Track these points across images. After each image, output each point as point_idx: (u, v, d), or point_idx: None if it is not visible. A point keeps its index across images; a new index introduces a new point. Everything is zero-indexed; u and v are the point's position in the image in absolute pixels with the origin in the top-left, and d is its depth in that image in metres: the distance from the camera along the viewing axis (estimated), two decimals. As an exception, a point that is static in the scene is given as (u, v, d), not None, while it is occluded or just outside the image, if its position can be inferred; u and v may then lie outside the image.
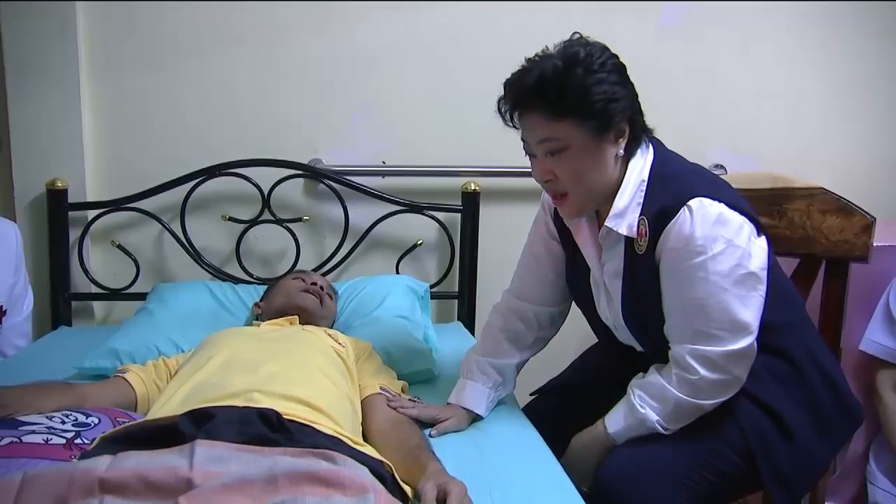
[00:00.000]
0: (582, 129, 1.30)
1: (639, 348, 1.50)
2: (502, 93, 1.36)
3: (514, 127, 1.37)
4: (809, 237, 1.78)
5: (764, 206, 1.79)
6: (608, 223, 1.38)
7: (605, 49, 1.34)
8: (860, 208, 1.73)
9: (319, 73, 2.28)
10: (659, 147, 1.43)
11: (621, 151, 1.35)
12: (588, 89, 1.29)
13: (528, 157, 1.40)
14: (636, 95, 1.37)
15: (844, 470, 2.23)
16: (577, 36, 1.36)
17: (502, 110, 1.37)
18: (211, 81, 2.26)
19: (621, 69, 1.34)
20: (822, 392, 1.45)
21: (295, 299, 1.81)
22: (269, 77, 2.27)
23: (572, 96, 1.29)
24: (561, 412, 1.61)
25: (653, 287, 1.37)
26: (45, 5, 2.12)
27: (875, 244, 1.72)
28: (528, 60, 1.35)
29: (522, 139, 1.38)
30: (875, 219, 1.72)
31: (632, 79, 1.37)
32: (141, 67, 2.23)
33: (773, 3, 2.40)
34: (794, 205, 1.80)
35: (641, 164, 1.38)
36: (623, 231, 1.37)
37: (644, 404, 1.38)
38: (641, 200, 1.36)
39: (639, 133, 1.38)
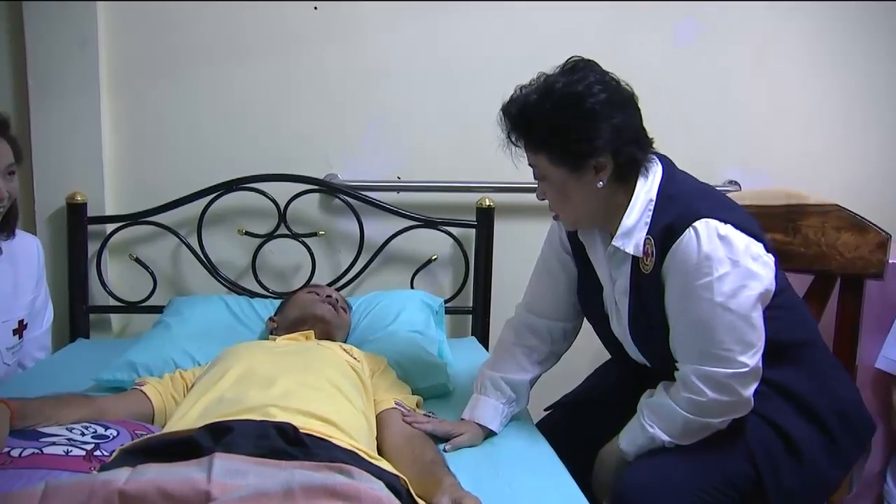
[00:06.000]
0: (553, 164, 1.34)
1: (649, 365, 1.51)
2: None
3: (518, 146, 1.41)
4: (824, 254, 1.78)
5: (778, 223, 1.80)
6: (615, 242, 1.39)
7: (596, 79, 1.31)
8: (875, 225, 1.73)
9: (334, 86, 2.31)
10: (668, 165, 1.43)
11: (600, 184, 1.35)
12: (555, 130, 1.31)
13: None
14: (629, 124, 1.35)
15: (861, 489, 2.21)
16: (575, 58, 1.36)
17: (505, 132, 1.40)
18: (228, 97, 2.29)
19: (608, 101, 1.31)
20: (831, 412, 1.44)
21: (311, 309, 1.82)
22: (284, 91, 2.30)
23: (539, 136, 1.33)
24: (574, 427, 1.61)
25: (658, 306, 1.37)
26: (68, 21, 2.17)
27: (891, 261, 1.72)
28: (521, 87, 1.38)
29: None
30: (891, 236, 1.72)
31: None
32: (160, 83, 2.27)
33: (785, 19, 2.40)
34: (809, 221, 1.80)
35: (650, 184, 1.39)
36: (630, 250, 1.38)
37: (653, 424, 1.39)
38: (649, 220, 1.37)
39: (633, 160, 1.37)
